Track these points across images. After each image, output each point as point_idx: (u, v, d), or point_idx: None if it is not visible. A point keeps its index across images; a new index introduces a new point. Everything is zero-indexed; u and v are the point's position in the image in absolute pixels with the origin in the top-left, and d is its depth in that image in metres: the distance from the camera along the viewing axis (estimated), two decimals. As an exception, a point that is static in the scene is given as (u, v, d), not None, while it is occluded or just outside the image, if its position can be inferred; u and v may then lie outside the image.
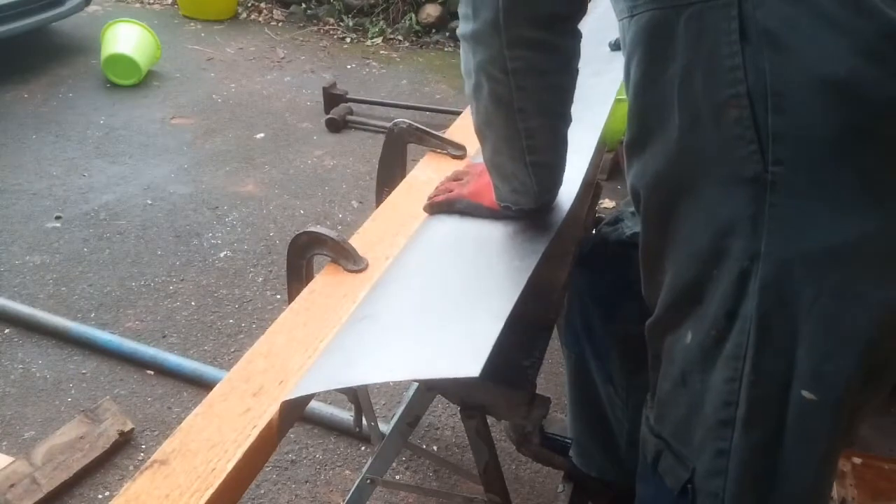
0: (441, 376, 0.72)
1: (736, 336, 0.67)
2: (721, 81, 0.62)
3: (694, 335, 0.71)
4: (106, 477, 1.65)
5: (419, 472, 1.71)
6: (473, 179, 1.04)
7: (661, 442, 0.81)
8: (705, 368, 0.71)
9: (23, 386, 1.89)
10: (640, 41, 0.68)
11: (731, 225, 0.64)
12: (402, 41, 4.69)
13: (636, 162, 0.73)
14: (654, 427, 0.82)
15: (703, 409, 0.72)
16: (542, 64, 0.77)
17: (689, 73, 0.64)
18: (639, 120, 0.71)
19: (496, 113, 0.81)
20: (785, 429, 0.68)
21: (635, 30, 0.69)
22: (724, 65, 0.61)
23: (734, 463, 0.71)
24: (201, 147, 3.22)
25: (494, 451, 1.11)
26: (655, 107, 0.68)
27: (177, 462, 0.68)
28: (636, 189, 0.74)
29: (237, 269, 2.39)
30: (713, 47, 0.62)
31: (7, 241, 2.48)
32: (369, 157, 3.13)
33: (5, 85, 3.65)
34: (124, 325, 2.12)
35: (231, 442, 0.70)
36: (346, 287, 0.93)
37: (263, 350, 0.83)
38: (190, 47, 4.39)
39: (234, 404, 0.75)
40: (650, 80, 0.68)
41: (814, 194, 0.60)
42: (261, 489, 1.63)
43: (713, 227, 0.66)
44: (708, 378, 0.71)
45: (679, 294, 0.72)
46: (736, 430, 0.69)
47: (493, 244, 0.96)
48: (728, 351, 0.68)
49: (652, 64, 0.68)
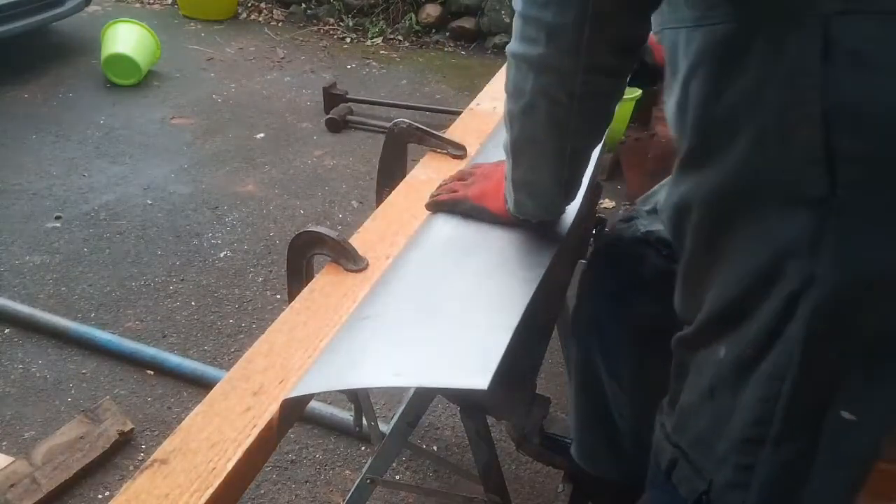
0: (449, 386, 0.72)
1: (776, 356, 0.66)
2: (795, 100, 0.61)
3: (728, 351, 0.70)
4: (106, 477, 1.65)
5: (419, 471, 1.71)
6: (479, 181, 1.03)
7: (677, 451, 0.80)
8: (737, 384, 0.70)
9: (23, 386, 1.89)
10: (708, 53, 0.67)
11: (788, 246, 0.63)
12: (402, 41, 4.69)
13: (692, 176, 0.72)
14: (672, 436, 0.81)
15: (730, 424, 0.71)
16: (610, 88, 0.77)
17: (761, 89, 0.63)
18: (700, 134, 0.70)
19: (548, 133, 0.80)
20: (818, 447, 0.67)
21: (704, 41, 0.67)
22: (801, 84, 0.60)
23: (759, 478, 0.70)
24: (201, 147, 3.22)
25: (494, 451, 1.11)
26: (719, 121, 0.67)
27: (177, 461, 0.68)
28: (687, 202, 0.72)
29: (237, 269, 2.39)
30: (792, 66, 0.60)
31: (7, 241, 2.48)
32: (369, 157, 3.13)
33: (5, 85, 3.66)
34: (124, 325, 2.12)
35: (231, 441, 0.70)
36: (346, 287, 0.93)
37: (264, 349, 0.83)
38: (190, 47, 4.39)
39: (235, 403, 0.75)
40: (716, 93, 0.67)
41: (882, 219, 0.59)
42: (261, 489, 1.63)
43: (769, 247, 0.64)
44: (739, 394, 0.70)
45: (721, 311, 0.71)
46: (765, 447, 0.68)
47: (500, 251, 0.96)
48: (765, 370, 0.67)
49: (720, 77, 0.66)
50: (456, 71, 4.26)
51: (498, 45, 4.60)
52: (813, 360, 0.64)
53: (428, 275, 0.94)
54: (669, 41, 0.74)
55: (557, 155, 0.82)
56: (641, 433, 1.04)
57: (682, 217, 0.74)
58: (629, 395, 1.16)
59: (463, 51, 4.65)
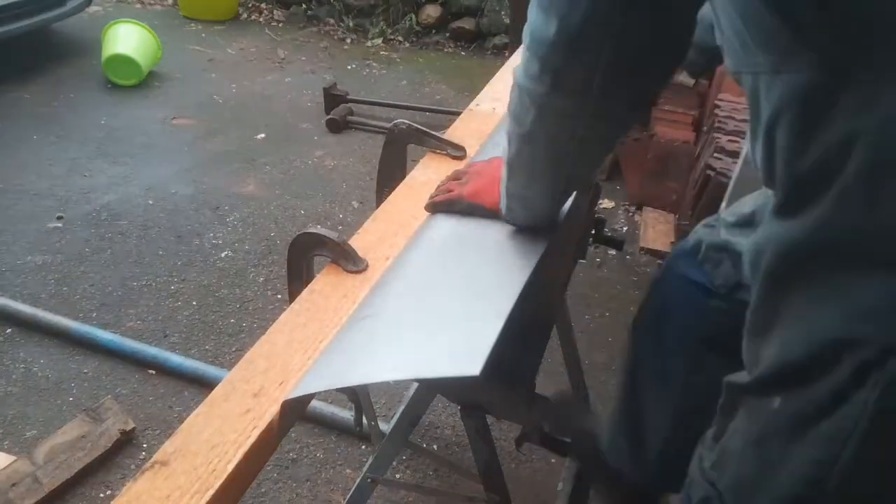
0: (442, 376, 0.73)
1: (838, 420, 0.62)
2: (884, 157, 0.56)
3: (785, 403, 0.67)
4: (107, 476, 1.66)
5: (419, 471, 1.72)
6: (473, 179, 1.04)
7: (713, 490, 0.77)
8: (790, 440, 0.66)
9: (25, 385, 1.90)
10: (792, 102, 0.62)
11: (865, 312, 0.59)
12: (403, 42, 4.69)
13: (775, 225, 0.68)
14: (709, 473, 0.78)
15: (776, 479, 0.68)
16: (616, 134, 0.75)
17: (848, 145, 0.58)
18: (788, 187, 0.65)
19: (545, 164, 0.80)
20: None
21: (786, 89, 0.62)
22: (891, 137, 0.56)
23: None
24: (202, 147, 3.22)
25: (494, 451, 1.11)
26: (806, 176, 0.63)
27: (177, 463, 0.69)
28: (762, 249, 0.68)
29: (238, 269, 2.40)
30: (884, 123, 0.56)
31: (9, 241, 2.48)
32: (369, 158, 3.13)
33: (7, 85, 3.66)
34: (126, 324, 2.13)
35: (231, 443, 0.71)
36: (345, 288, 0.94)
37: (264, 350, 0.83)
38: (191, 48, 4.39)
39: (235, 405, 0.75)
40: (802, 147, 0.62)
41: None
42: (262, 488, 1.64)
43: (842, 311, 0.60)
44: (790, 450, 0.66)
45: (781, 370, 0.67)
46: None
47: (494, 244, 0.97)
48: (824, 431, 0.63)
49: (805, 129, 0.62)
50: (456, 71, 4.26)
51: (498, 46, 4.60)
52: (881, 429, 0.60)
53: (425, 271, 0.94)
54: (749, 85, 0.68)
55: (553, 180, 0.83)
56: (674, 444, 1.03)
57: (755, 262, 0.70)
58: (670, 398, 1.13)
59: (463, 51, 4.65)
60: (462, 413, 1.05)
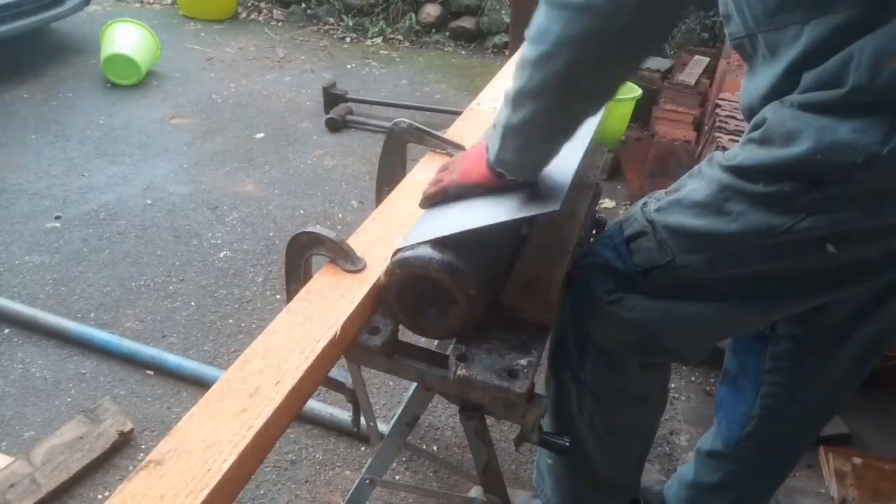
0: (532, 214, 0.92)
1: (811, 203, 0.77)
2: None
3: (767, 187, 0.80)
4: (106, 477, 1.65)
5: (419, 472, 1.71)
6: (458, 164, 1.04)
7: (649, 225, 0.91)
8: (753, 208, 0.80)
9: (22, 386, 1.89)
10: (827, 40, 0.73)
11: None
12: (402, 41, 4.69)
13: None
14: (651, 214, 0.92)
15: (726, 230, 0.83)
16: (633, 61, 0.82)
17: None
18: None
19: (558, 89, 0.80)
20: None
21: (822, 29, 0.73)
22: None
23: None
24: (201, 147, 3.22)
25: (494, 452, 1.10)
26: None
27: (172, 462, 0.68)
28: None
29: (237, 269, 2.39)
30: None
31: (7, 241, 2.48)
32: (369, 157, 3.13)
33: (5, 85, 3.66)
34: (124, 325, 2.12)
35: (227, 443, 0.70)
36: (343, 287, 0.93)
37: (260, 350, 0.82)
38: (190, 47, 4.39)
39: (231, 405, 0.75)
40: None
41: None
42: (260, 489, 1.63)
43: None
44: (750, 213, 0.81)
45: (792, 168, 0.77)
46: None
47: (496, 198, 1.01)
48: (798, 205, 0.78)
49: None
50: (456, 71, 4.26)
51: (498, 45, 4.59)
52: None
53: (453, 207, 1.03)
54: (764, 42, 0.80)
55: (559, 113, 0.84)
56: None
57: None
58: (598, 405, 1.16)
59: (463, 51, 4.65)
60: (461, 414, 1.04)
